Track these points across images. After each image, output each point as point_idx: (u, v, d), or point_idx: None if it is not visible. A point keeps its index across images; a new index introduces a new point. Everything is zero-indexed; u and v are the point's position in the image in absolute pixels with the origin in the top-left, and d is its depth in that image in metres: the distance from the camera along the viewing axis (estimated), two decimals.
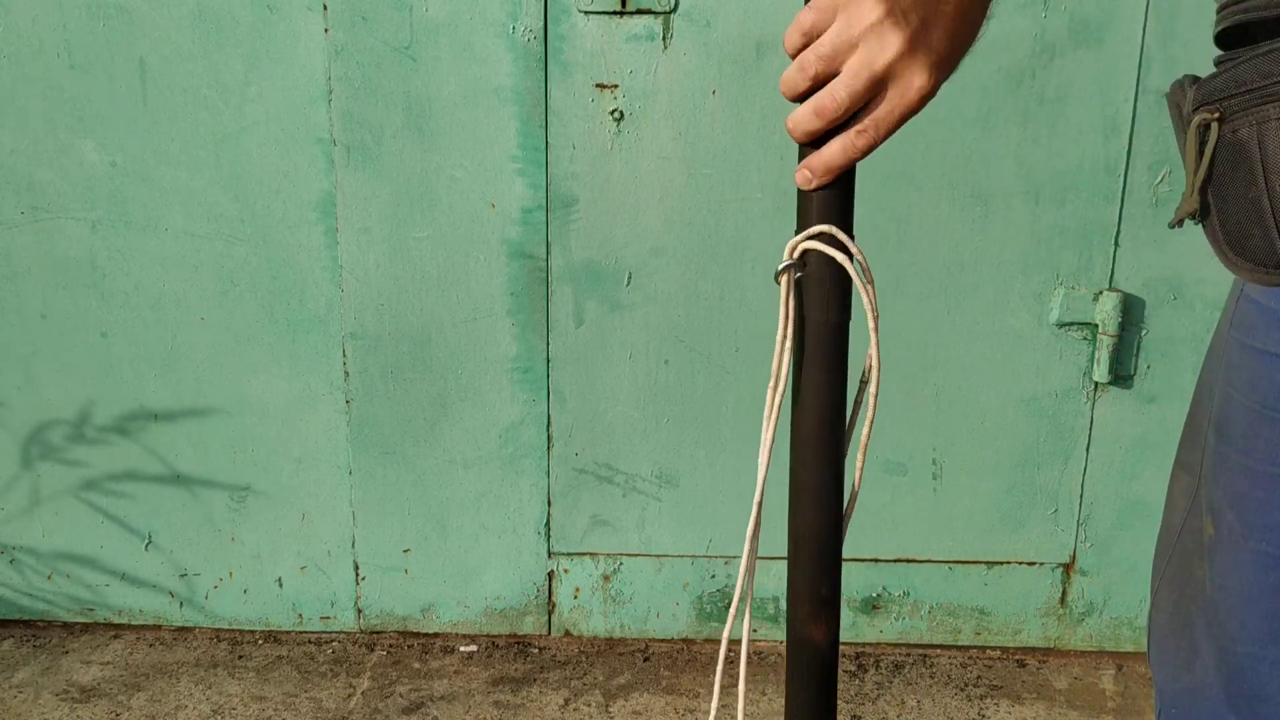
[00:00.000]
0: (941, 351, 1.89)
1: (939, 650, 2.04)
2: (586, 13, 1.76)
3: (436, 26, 1.77)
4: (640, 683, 1.94)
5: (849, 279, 0.68)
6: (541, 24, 1.77)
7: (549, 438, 1.95)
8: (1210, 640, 0.78)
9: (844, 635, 2.04)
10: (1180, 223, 0.78)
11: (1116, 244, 1.83)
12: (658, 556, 2.00)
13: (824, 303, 0.68)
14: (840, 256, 0.67)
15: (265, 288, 1.90)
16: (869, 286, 0.68)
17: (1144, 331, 1.87)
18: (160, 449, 1.98)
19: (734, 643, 2.04)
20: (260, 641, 2.05)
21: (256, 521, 2.01)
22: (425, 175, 1.84)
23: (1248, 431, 0.77)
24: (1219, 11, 0.75)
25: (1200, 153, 0.74)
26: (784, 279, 0.68)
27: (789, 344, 0.69)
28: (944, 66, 0.66)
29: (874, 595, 2.01)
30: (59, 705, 1.86)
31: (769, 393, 0.70)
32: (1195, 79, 0.77)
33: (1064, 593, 2.00)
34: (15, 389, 1.96)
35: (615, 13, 1.76)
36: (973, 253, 1.85)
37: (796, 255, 0.69)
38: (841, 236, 0.67)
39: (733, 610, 0.77)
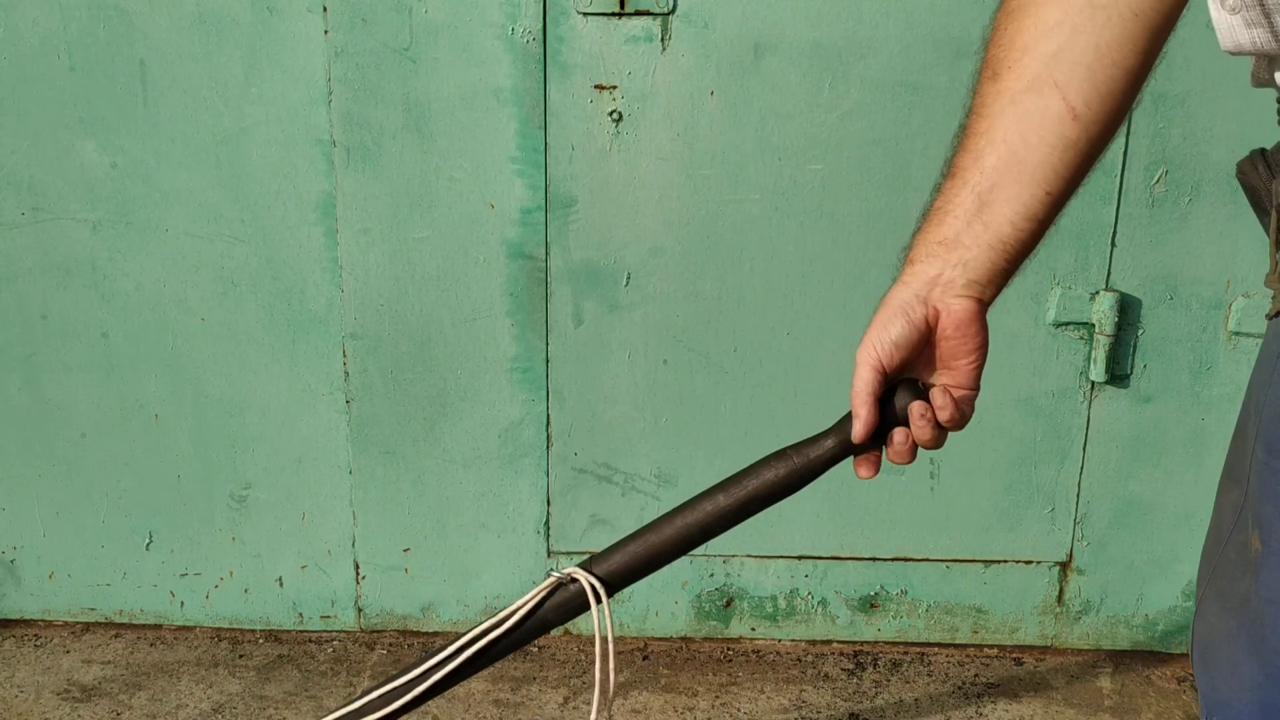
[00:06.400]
0: None
1: (936, 648, 2.05)
2: (585, 14, 1.76)
3: (436, 28, 1.78)
4: (639, 681, 1.95)
5: None
6: (540, 25, 1.77)
7: (548, 437, 1.96)
8: (1252, 653, 0.78)
9: (841, 634, 2.05)
10: (1278, 313, 0.78)
11: (1113, 244, 1.84)
12: None
13: None
14: None
15: (265, 288, 1.90)
16: None
17: (1140, 331, 1.88)
18: (160, 449, 1.99)
19: (732, 640, 2.05)
20: (261, 641, 2.06)
21: (257, 521, 2.02)
22: (425, 176, 1.84)
23: None
24: None
25: None
26: None
27: None
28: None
29: (871, 594, 2.02)
30: (60, 704, 1.86)
31: None
32: (1264, 156, 0.77)
33: (1061, 591, 2.01)
34: (16, 389, 1.96)
35: (614, 14, 1.76)
36: None
37: None
38: None
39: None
